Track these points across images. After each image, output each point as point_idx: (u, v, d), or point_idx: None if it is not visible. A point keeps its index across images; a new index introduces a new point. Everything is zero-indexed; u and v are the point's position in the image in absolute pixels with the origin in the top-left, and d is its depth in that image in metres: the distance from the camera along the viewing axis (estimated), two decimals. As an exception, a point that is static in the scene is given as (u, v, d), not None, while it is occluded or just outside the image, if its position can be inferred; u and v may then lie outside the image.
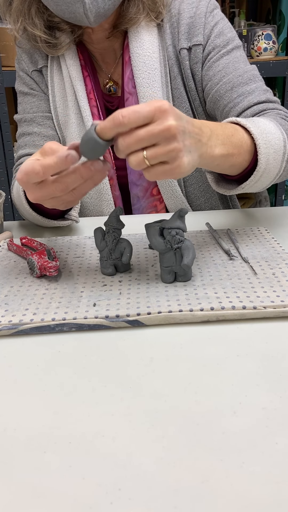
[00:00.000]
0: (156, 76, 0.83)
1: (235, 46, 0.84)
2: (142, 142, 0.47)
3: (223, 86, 0.81)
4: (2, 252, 0.70)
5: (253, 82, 0.81)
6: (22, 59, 0.92)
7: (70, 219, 0.77)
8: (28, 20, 0.82)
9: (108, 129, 0.47)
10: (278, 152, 0.66)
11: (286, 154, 0.68)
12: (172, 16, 0.85)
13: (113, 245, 0.59)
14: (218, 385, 0.41)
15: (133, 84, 0.85)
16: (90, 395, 0.41)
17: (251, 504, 0.30)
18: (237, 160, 0.61)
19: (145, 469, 0.33)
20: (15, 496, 0.31)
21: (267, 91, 0.82)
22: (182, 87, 0.86)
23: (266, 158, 0.63)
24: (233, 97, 0.80)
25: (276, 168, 0.67)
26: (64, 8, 0.74)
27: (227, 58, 0.82)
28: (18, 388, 0.42)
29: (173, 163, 0.48)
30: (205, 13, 0.83)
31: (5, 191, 2.01)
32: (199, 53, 0.83)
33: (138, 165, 0.48)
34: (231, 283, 0.56)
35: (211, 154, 0.55)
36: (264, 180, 0.66)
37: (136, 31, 0.84)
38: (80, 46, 0.88)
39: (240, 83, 0.80)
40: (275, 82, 2.25)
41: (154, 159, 0.48)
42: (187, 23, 0.83)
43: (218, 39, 0.83)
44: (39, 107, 0.92)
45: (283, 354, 0.45)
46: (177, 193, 0.88)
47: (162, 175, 0.49)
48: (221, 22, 0.84)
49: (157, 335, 0.49)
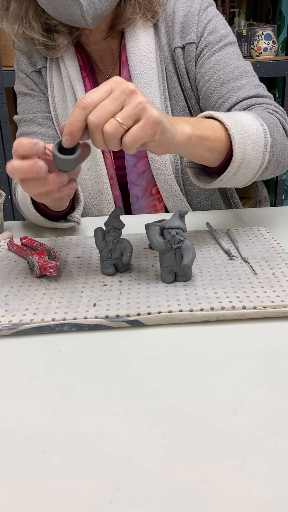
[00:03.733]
0: (153, 76, 0.83)
1: (228, 42, 0.83)
2: (108, 107, 0.48)
3: (213, 82, 0.80)
4: (2, 252, 0.70)
5: (244, 78, 0.80)
6: (21, 60, 0.92)
7: (72, 221, 0.77)
8: (25, 23, 0.82)
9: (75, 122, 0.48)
10: (257, 143, 0.65)
11: (268, 145, 0.67)
12: (167, 15, 0.85)
13: (113, 245, 0.59)
14: (218, 385, 0.41)
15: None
16: (90, 395, 0.41)
17: (251, 504, 0.30)
18: (214, 145, 0.61)
19: (145, 469, 0.33)
20: (15, 496, 0.31)
21: (258, 86, 0.80)
22: (178, 86, 0.86)
23: (243, 148, 0.62)
24: (223, 93, 0.79)
25: (257, 159, 0.66)
26: (61, 10, 0.74)
27: (219, 55, 0.81)
28: (18, 388, 0.42)
29: (144, 115, 0.49)
30: (198, 11, 0.83)
31: (5, 191, 2.01)
32: (193, 51, 0.83)
33: (115, 130, 0.48)
34: (231, 283, 0.56)
35: (182, 131, 0.56)
36: (245, 172, 0.66)
37: (132, 31, 0.84)
38: (78, 47, 0.88)
39: (230, 79, 0.79)
40: (275, 82, 2.25)
41: (126, 118, 0.48)
42: (181, 21, 0.83)
43: (211, 36, 0.82)
44: (39, 108, 0.92)
45: (283, 354, 0.45)
46: (176, 192, 0.88)
47: (140, 132, 0.49)
48: (215, 19, 0.84)
49: (157, 335, 0.49)
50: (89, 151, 0.54)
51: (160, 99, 0.84)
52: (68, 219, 0.78)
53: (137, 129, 0.49)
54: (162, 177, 0.87)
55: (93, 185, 0.89)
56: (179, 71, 0.85)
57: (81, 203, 0.79)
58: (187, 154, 0.62)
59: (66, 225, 0.77)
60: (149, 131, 0.49)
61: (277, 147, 0.71)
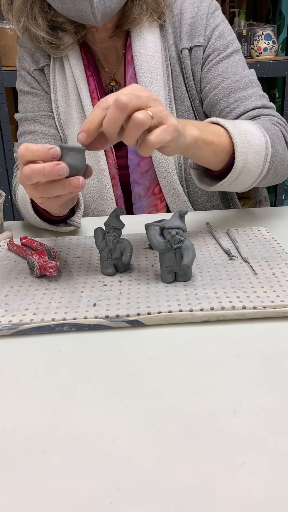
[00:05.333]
0: (159, 75, 0.84)
1: (235, 49, 0.85)
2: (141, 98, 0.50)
3: (221, 90, 0.83)
4: (2, 252, 0.70)
5: (250, 88, 0.83)
6: (24, 58, 0.92)
7: (72, 225, 0.77)
8: (31, 20, 0.82)
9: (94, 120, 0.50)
10: (258, 153, 0.68)
11: (269, 155, 0.71)
12: (174, 16, 0.85)
13: (113, 245, 0.59)
14: (218, 385, 0.41)
15: (136, 83, 0.85)
16: (90, 395, 0.41)
17: (251, 504, 0.30)
18: (218, 149, 0.65)
19: (145, 469, 0.33)
20: (15, 496, 0.31)
21: (263, 97, 0.84)
22: (183, 86, 0.86)
23: (244, 157, 0.66)
24: (230, 102, 0.83)
25: (257, 168, 0.69)
26: (70, 6, 0.74)
27: (226, 62, 0.84)
28: (18, 388, 0.42)
29: (167, 121, 0.52)
30: (206, 14, 0.84)
31: (5, 191, 2.01)
32: (200, 54, 0.84)
33: (145, 120, 0.49)
34: (231, 283, 0.56)
35: (191, 134, 0.59)
36: (245, 179, 0.69)
37: (138, 31, 0.84)
38: (83, 46, 0.88)
39: (237, 88, 0.82)
40: (275, 82, 2.25)
41: (155, 115, 0.51)
42: (189, 23, 0.84)
43: (218, 41, 0.84)
44: (41, 106, 0.92)
45: (283, 354, 0.45)
46: (178, 192, 0.88)
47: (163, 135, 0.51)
48: (222, 24, 0.85)
49: (157, 335, 0.49)
50: (91, 172, 0.56)
51: (165, 98, 0.85)
52: (68, 223, 0.78)
53: (160, 131, 0.51)
54: (165, 177, 0.87)
55: (94, 184, 0.89)
56: (185, 71, 0.86)
57: (81, 207, 0.79)
58: (192, 155, 0.65)
59: (66, 229, 0.77)
60: (169, 137, 0.52)
61: (277, 157, 0.75)
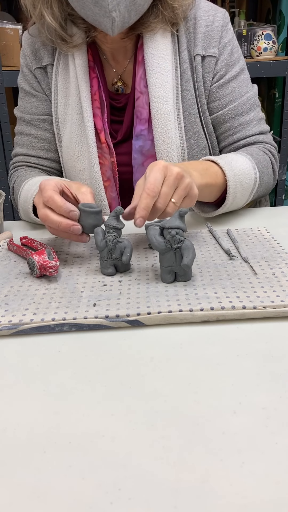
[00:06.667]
0: (168, 78, 0.85)
1: (242, 68, 0.90)
2: (168, 195, 0.62)
3: (229, 112, 0.89)
4: (2, 252, 0.70)
5: (252, 110, 0.90)
6: (27, 54, 0.92)
7: None
8: (47, 9, 0.83)
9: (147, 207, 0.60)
10: (247, 190, 0.80)
11: (255, 189, 0.83)
12: (187, 21, 0.87)
13: (113, 245, 0.59)
14: (218, 385, 0.41)
15: (145, 83, 0.86)
16: (90, 395, 0.41)
17: (251, 504, 0.30)
18: (215, 190, 0.76)
19: (145, 469, 0.33)
20: (15, 496, 0.31)
21: (261, 120, 0.93)
22: (192, 90, 0.88)
23: (234, 196, 0.77)
24: (234, 125, 0.90)
25: (242, 201, 0.82)
26: (89, 14, 0.76)
27: (235, 82, 0.89)
28: (18, 388, 0.42)
29: (191, 194, 0.65)
30: (221, 26, 0.86)
31: (5, 191, 2.01)
32: (212, 65, 0.87)
33: (173, 211, 0.62)
34: (231, 283, 0.56)
35: (198, 182, 0.69)
36: (231, 208, 0.81)
37: (151, 33, 0.86)
38: (91, 45, 0.89)
39: (242, 112, 0.89)
40: (275, 82, 2.25)
41: (179, 199, 0.63)
42: (203, 31, 0.86)
43: (229, 57, 0.88)
44: (38, 108, 0.93)
45: (283, 354, 0.45)
46: None
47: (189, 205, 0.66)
48: (233, 39, 0.89)
49: (157, 335, 0.49)
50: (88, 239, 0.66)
51: (173, 101, 0.85)
52: None
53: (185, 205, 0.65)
54: None
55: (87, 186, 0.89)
56: (196, 77, 0.87)
57: None
58: None
59: None
60: (190, 204, 0.66)
61: (262, 187, 0.86)
